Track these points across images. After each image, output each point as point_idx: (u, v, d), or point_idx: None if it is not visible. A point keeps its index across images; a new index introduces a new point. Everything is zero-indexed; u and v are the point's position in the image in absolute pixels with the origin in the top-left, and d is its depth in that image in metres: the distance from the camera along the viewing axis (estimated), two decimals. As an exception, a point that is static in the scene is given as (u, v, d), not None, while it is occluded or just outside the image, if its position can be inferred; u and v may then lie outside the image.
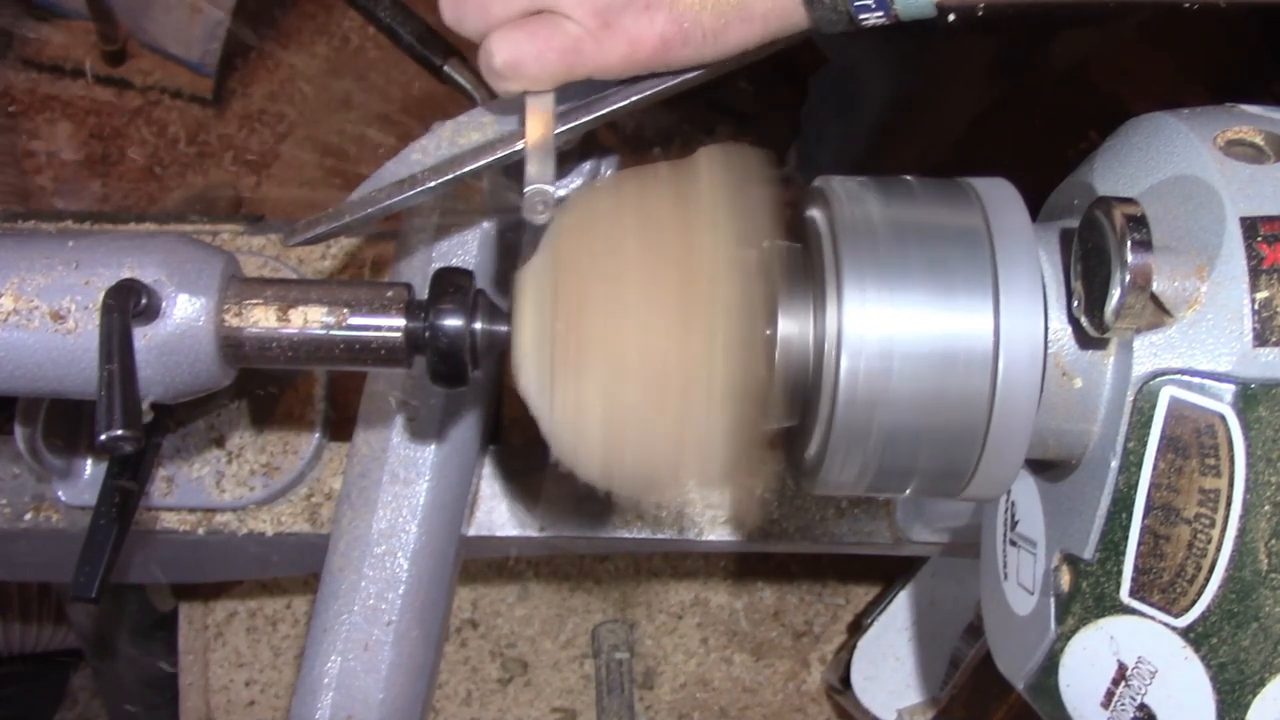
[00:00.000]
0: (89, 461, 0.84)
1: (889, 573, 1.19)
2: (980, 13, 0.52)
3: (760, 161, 0.52)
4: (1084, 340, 0.48)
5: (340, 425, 0.87)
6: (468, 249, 0.78)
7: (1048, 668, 0.49)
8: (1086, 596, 0.47)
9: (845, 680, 1.14)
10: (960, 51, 1.04)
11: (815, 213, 0.52)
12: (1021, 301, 0.47)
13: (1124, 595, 0.46)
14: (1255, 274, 0.44)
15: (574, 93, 0.60)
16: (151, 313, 0.53)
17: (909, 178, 0.52)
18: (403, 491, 0.77)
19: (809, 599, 1.26)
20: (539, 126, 0.57)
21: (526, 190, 0.56)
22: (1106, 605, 0.47)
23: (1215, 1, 0.51)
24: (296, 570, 0.95)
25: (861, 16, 0.53)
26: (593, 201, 0.52)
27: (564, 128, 0.58)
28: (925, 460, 0.49)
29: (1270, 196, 0.45)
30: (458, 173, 0.61)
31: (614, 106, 0.59)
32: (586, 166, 0.74)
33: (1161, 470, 0.45)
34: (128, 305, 0.52)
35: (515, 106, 0.63)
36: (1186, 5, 0.52)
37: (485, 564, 1.24)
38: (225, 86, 1.76)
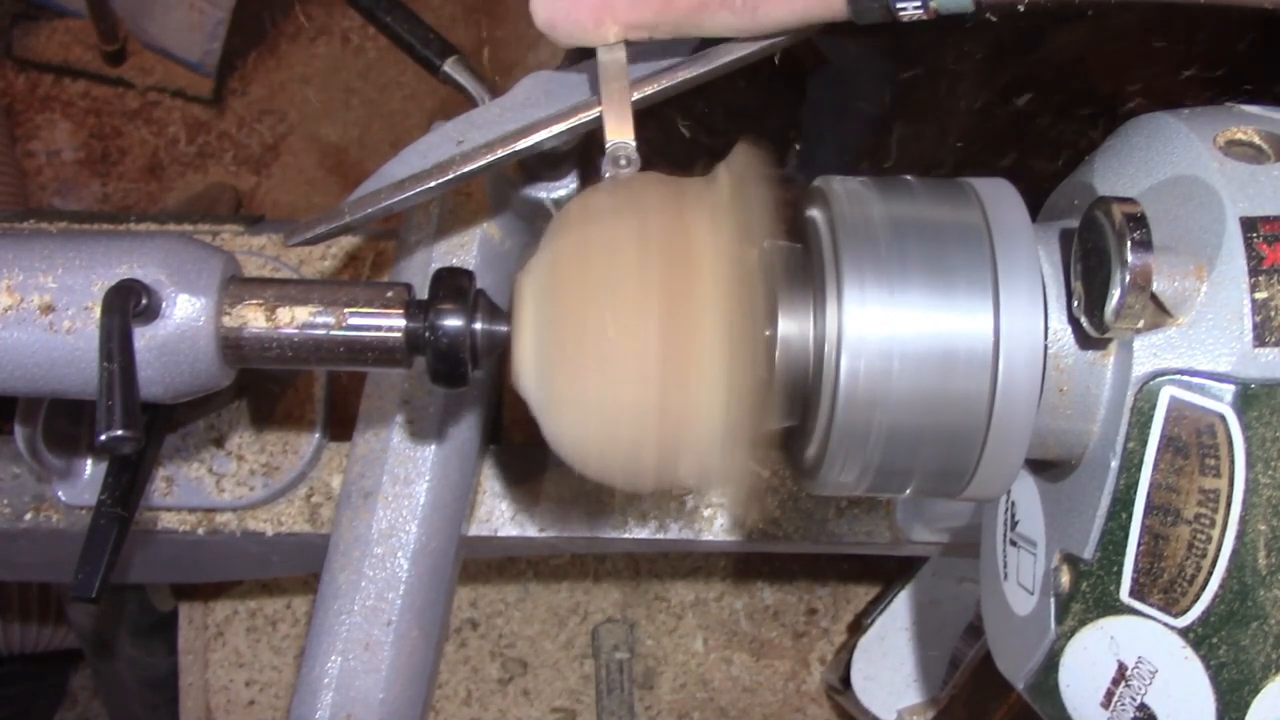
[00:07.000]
0: (89, 461, 0.84)
1: (889, 573, 1.19)
2: (1021, 7, 0.51)
3: (760, 161, 0.52)
4: (1084, 340, 0.48)
5: (340, 425, 0.86)
6: (468, 249, 0.78)
7: (1048, 668, 0.49)
8: (1086, 596, 0.47)
9: (845, 680, 1.14)
10: (959, 48, 1.04)
11: (815, 213, 0.52)
12: (1021, 301, 0.47)
13: (1124, 595, 0.46)
14: (1255, 274, 0.44)
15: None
16: (151, 313, 0.53)
17: (909, 177, 0.52)
18: (403, 491, 0.77)
19: (809, 599, 1.26)
20: (613, 82, 0.57)
21: (608, 145, 0.55)
22: (1106, 605, 0.47)
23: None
24: (296, 570, 0.95)
25: (899, 6, 0.53)
26: (592, 201, 0.52)
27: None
28: (925, 460, 0.49)
29: (1270, 196, 0.45)
30: (458, 173, 0.60)
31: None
32: (586, 167, 0.74)
33: (1161, 470, 0.45)
34: (128, 305, 0.52)
35: (515, 105, 0.63)
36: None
37: (485, 564, 1.24)
38: (225, 86, 1.76)
